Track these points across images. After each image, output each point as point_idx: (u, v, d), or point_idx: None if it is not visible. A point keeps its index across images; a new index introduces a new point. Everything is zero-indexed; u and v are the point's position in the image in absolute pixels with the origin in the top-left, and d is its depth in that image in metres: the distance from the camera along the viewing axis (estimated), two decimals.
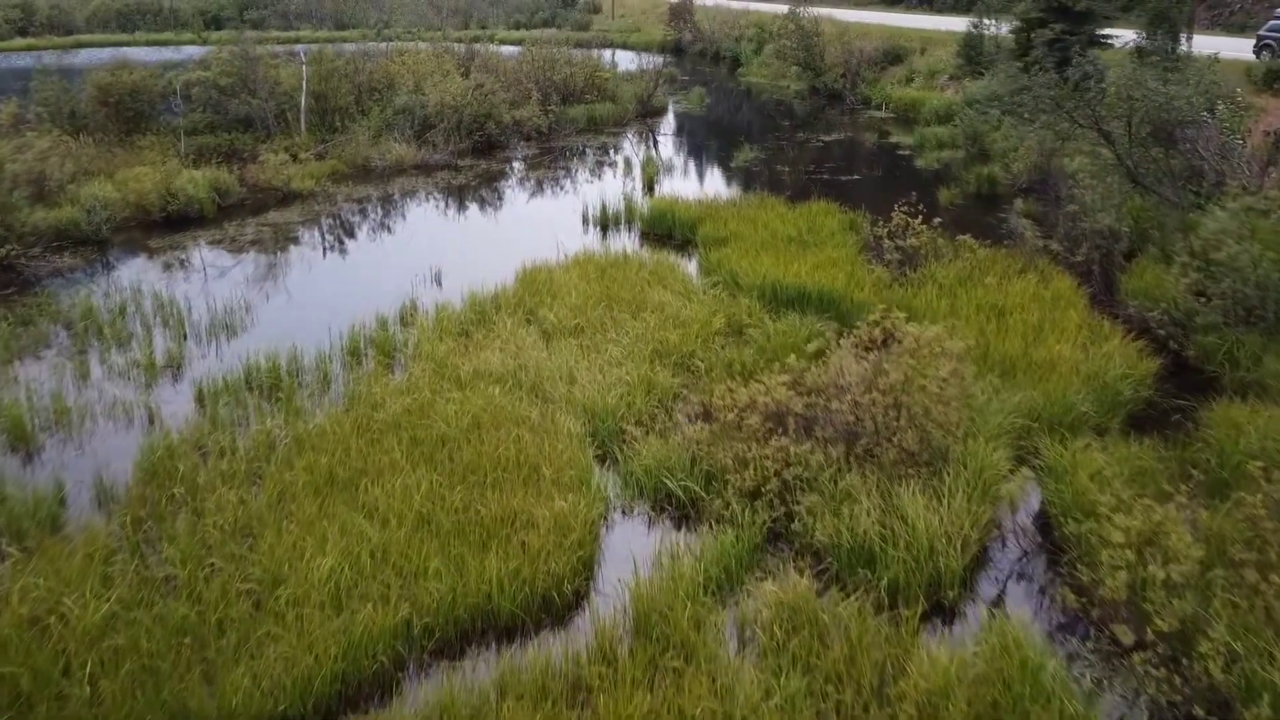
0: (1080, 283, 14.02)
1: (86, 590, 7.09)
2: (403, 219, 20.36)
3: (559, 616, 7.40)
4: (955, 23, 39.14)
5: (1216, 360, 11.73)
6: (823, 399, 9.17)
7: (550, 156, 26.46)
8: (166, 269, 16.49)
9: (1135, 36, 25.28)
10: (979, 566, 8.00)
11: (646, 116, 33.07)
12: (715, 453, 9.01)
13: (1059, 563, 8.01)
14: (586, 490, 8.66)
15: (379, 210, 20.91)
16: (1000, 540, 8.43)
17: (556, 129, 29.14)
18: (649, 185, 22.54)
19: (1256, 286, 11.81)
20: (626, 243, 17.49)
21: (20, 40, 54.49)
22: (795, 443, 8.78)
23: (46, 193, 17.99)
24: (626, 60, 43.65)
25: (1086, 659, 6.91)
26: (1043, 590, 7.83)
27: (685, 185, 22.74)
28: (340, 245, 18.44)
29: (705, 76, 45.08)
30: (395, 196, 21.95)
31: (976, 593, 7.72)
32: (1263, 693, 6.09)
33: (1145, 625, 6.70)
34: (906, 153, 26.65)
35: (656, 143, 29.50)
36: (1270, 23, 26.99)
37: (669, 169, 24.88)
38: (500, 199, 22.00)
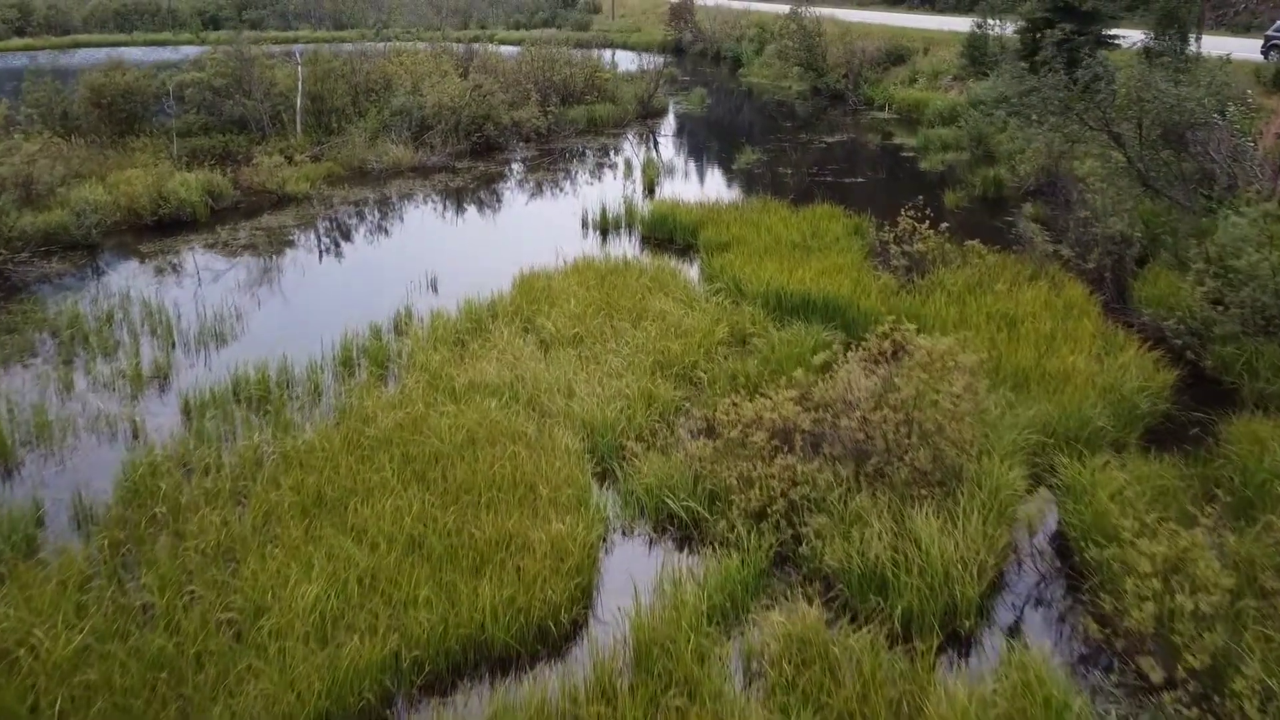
0: (1092, 290, 13.67)
1: (59, 620, 6.74)
2: (399, 222, 20.01)
3: (556, 647, 7.04)
4: (957, 23, 38.78)
5: (1235, 371, 11.37)
6: (831, 414, 8.82)
7: (550, 158, 26.10)
8: (157, 274, 16.13)
9: (1143, 37, 24.92)
10: (995, 593, 7.64)
11: (647, 117, 32.72)
12: (719, 471, 8.65)
13: (1079, 589, 7.65)
14: (585, 510, 8.30)
15: (375, 213, 20.55)
16: (1017, 564, 8.07)
17: (556, 130, 28.77)
18: (650, 188, 22.19)
19: (1276, 295, 11.45)
20: (627, 247, 17.15)
21: (17, 40, 54.19)
22: (802, 461, 8.43)
23: (35, 196, 17.66)
24: (627, 60, 43.30)
25: (1112, 694, 6.55)
26: (1063, 618, 7.47)
27: (686, 188, 22.38)
28: (335, 250, 18.09)
29: (706, 77, 44.73)
30: (392, 199, 21.60)
31: (994, 622, 7.35)
32: None
33: (1174, 660, 6.36)
34: (910, 154, 26.29)
35: (657, 144, 29.14)
36: (1278, 23, 26.63)
37: (670, 171, 24.52)
38: (498, 202, 21.64)
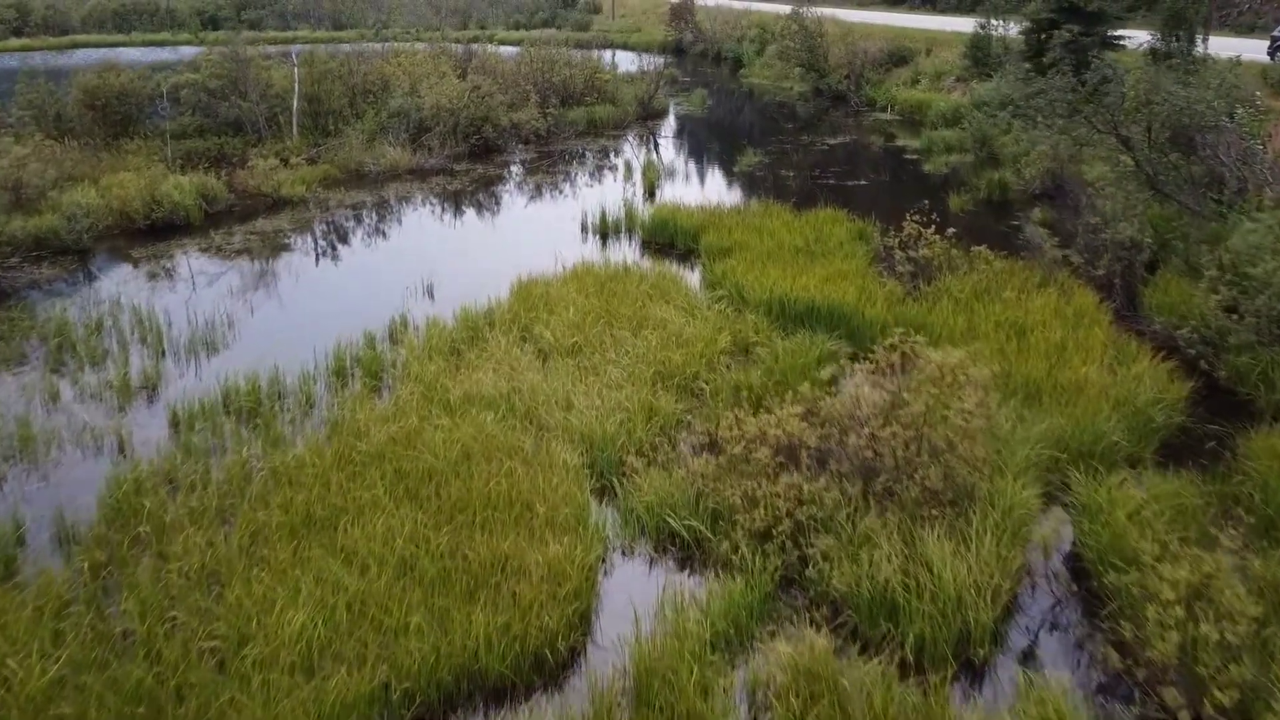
0: (1102, 297, 13.37)
1: (34, 650, 6.45)
2: (396, 226, 19.73)
3: (552, 677, 6.75)
4: (960, 23, 38.48)
5: (1250, 382, 11.07)
6: (838, 430, 8.53)
7: (549, 160, 25.82)
8: (148, 280, 15.85)
9: (1149, 37, 24.62)
10: (1010, 617, 7.35)
11: (647, 119, 32.43)
12: (722, 488, 8.36)
13: (1096, 614, 7.36)
14: (583, 530, 8.02)
15: (371, 217, 20.27)
16: (1031, 587, 7.78)
17: (555, 132, 28.48)
18: (650, 191, 21.90)
19: None
20: (627, 252, 16.86)
21: (15, 40, 53.89)
22: (809, 479, 8.14)
23: (25, 200, 17.37)
24: (627, 61, 42.99)
25: None
26: (1080, 645, 7.17)
27: (687, 191, 22.07)
28: (330, 254, 17.80)
29: (707, 78, 44.43)
30: (389, 202, 21.31)
31: (1009, 649, 7.06)
32: None
33: (1199, 692, 6.07)
34: (913, 156, 25.99)
35: (657, 146, 28.85)
36: None
37: (670, 173, 24.23)
38: (497, 205, 21.35)
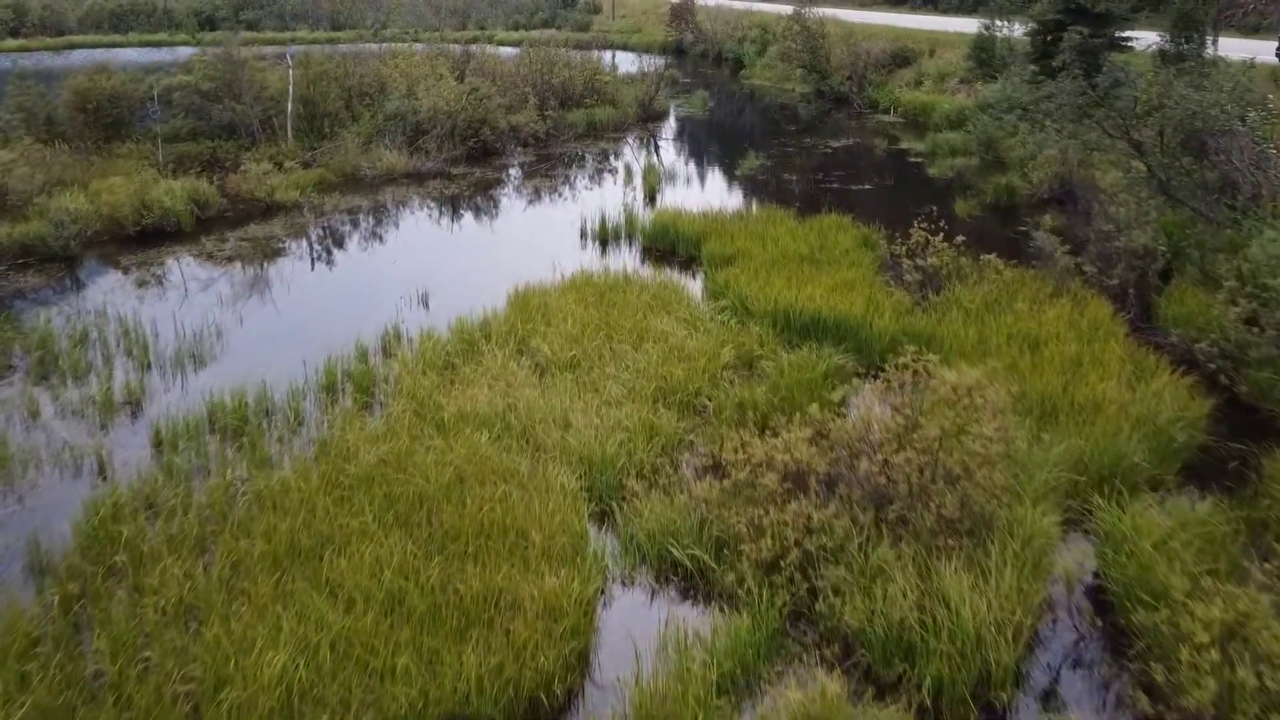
0: (1116, 308, 12.97)
1: None
2: (392, 232, 19.34)
3: None
4: (963, 24, 38.09)
5: (1273, 399, 10.70)
6: (849, 454, 8.15)
7: (548, 164, 25.42)
8: (136, 288, 15.46)
9: (1158, 39, 24.22)
10: (1031, 656, 6.96)
11: (648, 121, 32.03)
12: (727, 516, 7.98)
13: (1123, 652, 6.97)
14: (581, 562, 7.63)
15: (367, 223, 19.88)
16: (1053, 623, 7.40)
17: (555, 134, 28.09)
18: (650, 195, 21.50)
19: None
20: (627, 260, 16.46)
21: (12, 41, 53.48)
22: (818, 506, 7.76)
23: (11, 206, 16.99)
24: (627, 62, 42.58)
25: None
26: (1106, 686, 6.78)
27: (688, 195, 21.66)
28: (323, 261, 17.42)
29: (707, 79, 44.03)
30: (385, 207, 20.92)
31: (1032, 692, 6.67)
32: None
33: None
34: (918, 160, 25.60)
35: (658, 149, 28.46)
36: None
37: (671, 177, 23.82)
38: (495, 210, 20.96)
